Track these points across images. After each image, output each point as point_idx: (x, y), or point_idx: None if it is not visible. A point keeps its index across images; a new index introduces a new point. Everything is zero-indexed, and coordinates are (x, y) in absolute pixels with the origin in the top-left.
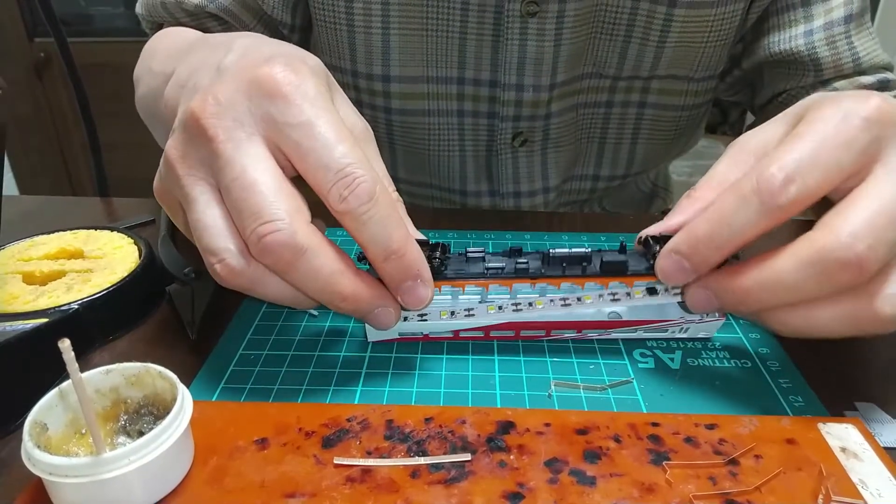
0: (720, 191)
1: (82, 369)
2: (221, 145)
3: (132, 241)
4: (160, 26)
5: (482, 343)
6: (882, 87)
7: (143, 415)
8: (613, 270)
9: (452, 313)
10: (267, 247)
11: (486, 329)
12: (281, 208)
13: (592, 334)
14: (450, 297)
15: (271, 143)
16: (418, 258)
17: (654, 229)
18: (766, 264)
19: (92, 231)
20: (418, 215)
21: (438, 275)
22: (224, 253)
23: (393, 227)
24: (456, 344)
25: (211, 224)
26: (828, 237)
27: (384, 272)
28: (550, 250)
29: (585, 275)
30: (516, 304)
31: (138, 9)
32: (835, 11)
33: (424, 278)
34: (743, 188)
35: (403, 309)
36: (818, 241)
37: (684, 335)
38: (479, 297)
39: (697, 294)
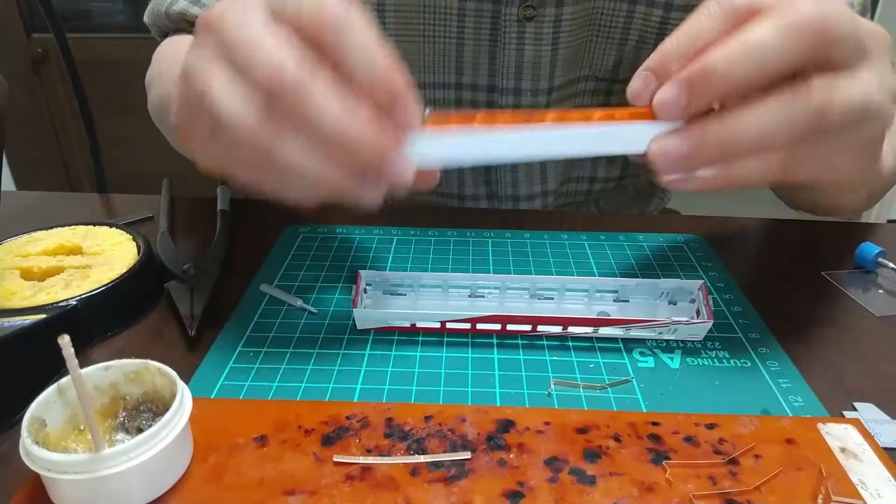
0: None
1: (81, 365)
2: (229, 13)
3: (131, 237)
4: (167, 34)
5: (482, 341)
6: None
7: (142, 411)
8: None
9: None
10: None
11: (473, 321)
12: (282, 47)
13: (578, 331)
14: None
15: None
16: (403, 80)
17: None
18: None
19: (90, 227)
20: (418, 214)
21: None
22: (243, 109)
23: (374, 50)
24: (456, 342)
25: (226, 92)
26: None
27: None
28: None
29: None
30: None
31: (146, 18)
32: None
33: (411, 98)
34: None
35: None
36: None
37: (672, 336)
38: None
39: (670, 89)
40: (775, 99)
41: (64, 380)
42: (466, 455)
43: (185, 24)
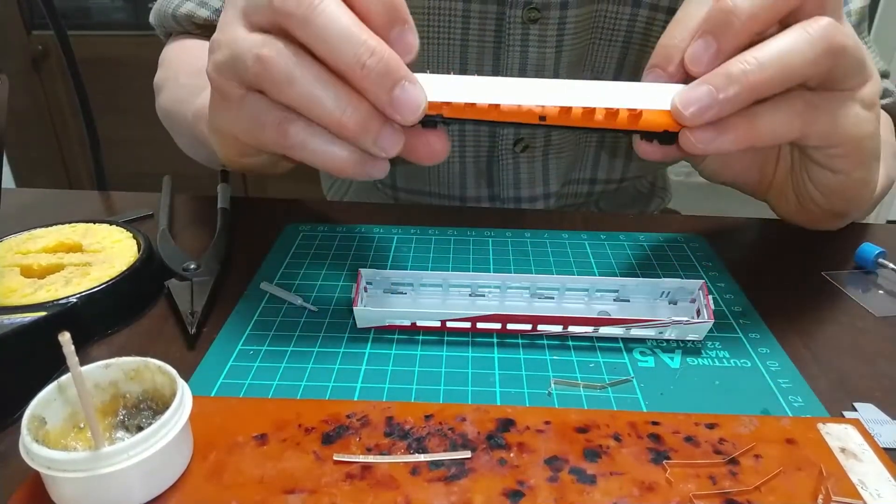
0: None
1: (81, 363)
2: None
3: (131, 235)
4: (171, 34)
5: (482, 340)
6: None
7: (142, 409)
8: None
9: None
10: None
11: (473, 320)
12: None
13: (578, 331)
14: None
15: None
16: (397, 58)
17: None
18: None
19: (90, 224)
20: (418, 213)
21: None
22: (259, 47)
23: (356, 28)
24: (456, 341)
25: (248, 36)
26: None
27: (366, 85)
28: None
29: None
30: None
31: (151, 19)
32: None
33: (412, 78)
34: None
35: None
36: None
37: (672, 336)
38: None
39: (698, 42)
40: (791, 30)
41: (64, 377)
42: (466, 454)
43: (191, 27)
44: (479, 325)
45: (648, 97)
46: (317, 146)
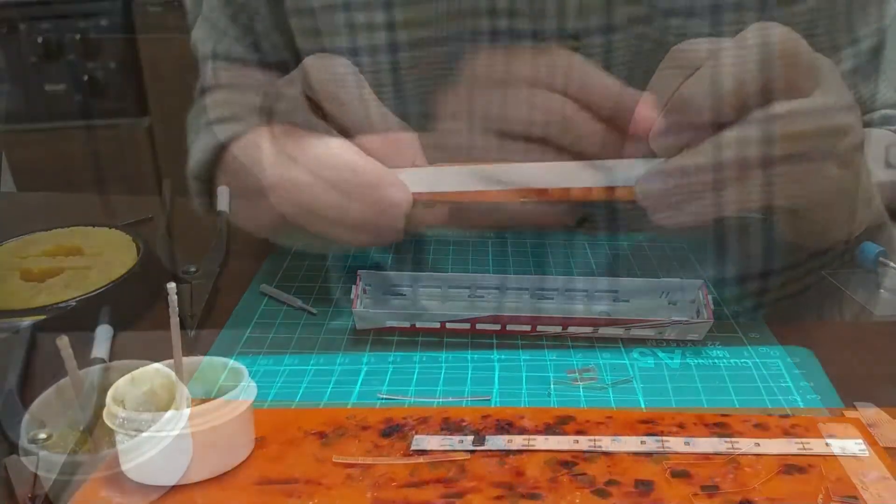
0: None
1: (80, 367)
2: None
3: (130, 238)
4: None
5: (481, 342)
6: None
7: (141, 412)
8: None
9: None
10: None
11: (472, 321)
12: None
13: (578, 331)
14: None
15: None
16: (379, 172)
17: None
18: None
19: (90, 228)
20: None
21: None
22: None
23: (345, 157)
24: (454, 342)
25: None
26: None
27: (355, 196)
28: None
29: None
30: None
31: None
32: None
33: (395, 184)
34: None
35: None
36: None
37: (672, 336)
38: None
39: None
40: (740, 125)
41: (63, 381)
42: (466, 455)
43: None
44: (479, 327)
45: (621, 172)
46: (330, 231)
